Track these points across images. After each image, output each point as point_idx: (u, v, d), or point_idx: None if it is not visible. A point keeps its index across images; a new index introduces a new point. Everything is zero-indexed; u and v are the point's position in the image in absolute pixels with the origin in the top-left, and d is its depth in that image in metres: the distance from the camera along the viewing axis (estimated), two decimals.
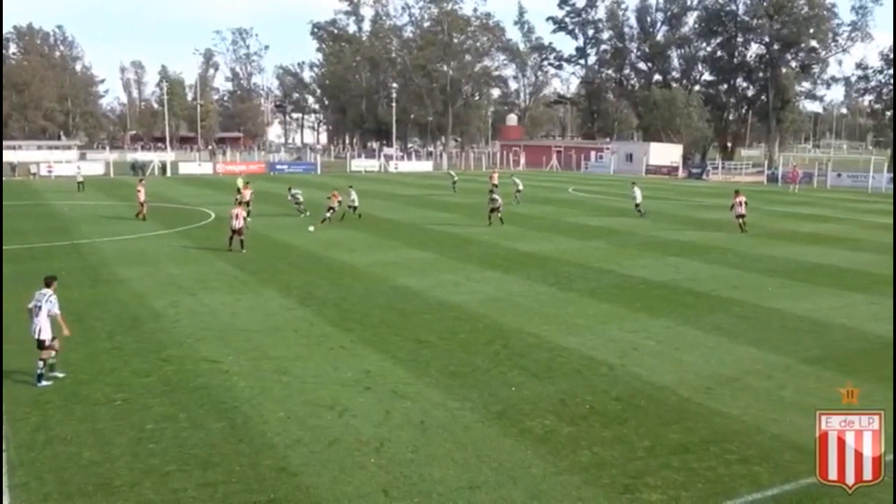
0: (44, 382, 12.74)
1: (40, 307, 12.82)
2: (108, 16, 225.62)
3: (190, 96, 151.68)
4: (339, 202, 35.47)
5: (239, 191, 40.29)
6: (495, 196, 36.06)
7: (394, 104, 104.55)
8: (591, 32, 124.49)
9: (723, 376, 13.73)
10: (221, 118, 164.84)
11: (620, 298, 20.15)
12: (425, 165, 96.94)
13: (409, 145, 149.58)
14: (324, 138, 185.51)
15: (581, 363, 14.39)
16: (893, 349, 14.92)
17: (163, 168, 77.16)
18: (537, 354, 14.90)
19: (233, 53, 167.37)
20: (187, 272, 23.09)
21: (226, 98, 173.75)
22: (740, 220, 34.07)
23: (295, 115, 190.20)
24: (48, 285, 13.19)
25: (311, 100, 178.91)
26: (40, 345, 12.83)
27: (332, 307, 18.70)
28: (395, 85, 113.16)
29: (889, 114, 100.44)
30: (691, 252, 28.27)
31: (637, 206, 40.11)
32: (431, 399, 12.38)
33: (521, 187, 48.33)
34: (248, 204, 35.60)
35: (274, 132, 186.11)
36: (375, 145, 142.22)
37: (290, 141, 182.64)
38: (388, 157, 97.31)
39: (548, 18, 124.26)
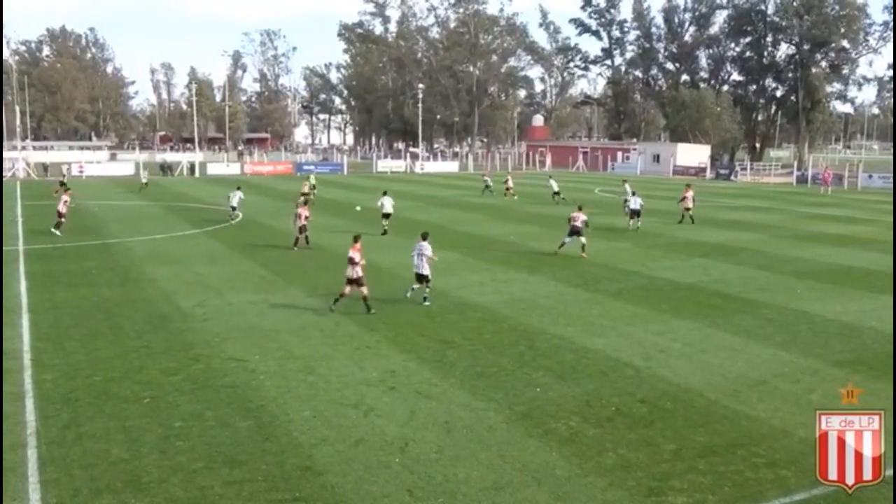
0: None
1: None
2: (139, 18, 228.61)
3: (218, 97, 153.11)
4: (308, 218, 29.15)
5: (309, 190, 45.47)
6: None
7: (420, 105, 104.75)
8: (616, 33, 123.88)
9: (750, 379, 13.60)
10: (249, 119, 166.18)
11: (646, 300, 20.02)
12: (451, 166, 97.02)
13: (435, 146, 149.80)
14: (350, 139, 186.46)
15: (606, 365, 14.32)
16: (893, 351, 14.83)
17: (191, 168, 77.98)
18: (562, 356, 14.85)
19: (261, 55, 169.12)
20: (215, 272, 23.28)
21: (253, 99, 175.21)
22: (687, 212, 37.58)
23: (322, 116, 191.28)
24: (424, 238, 19.17)
25: (337, 101, 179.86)
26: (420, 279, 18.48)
27: (357, 307, 18.73)
28: (421, 86, 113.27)
29: None
30: (719, 253, 28.02)
31: (627, 203, 39.16)
32: (456, 399, 12.39)
33: (556, 188, 48.25)
34: (306, 195, 41.68)
35: (301, 133, 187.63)
36: (401, 146, 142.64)
37: (316, 142, 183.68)
38: (415, 158, 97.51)
39: (571, 20, 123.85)
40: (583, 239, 26.72)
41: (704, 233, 33.98)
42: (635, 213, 35.02)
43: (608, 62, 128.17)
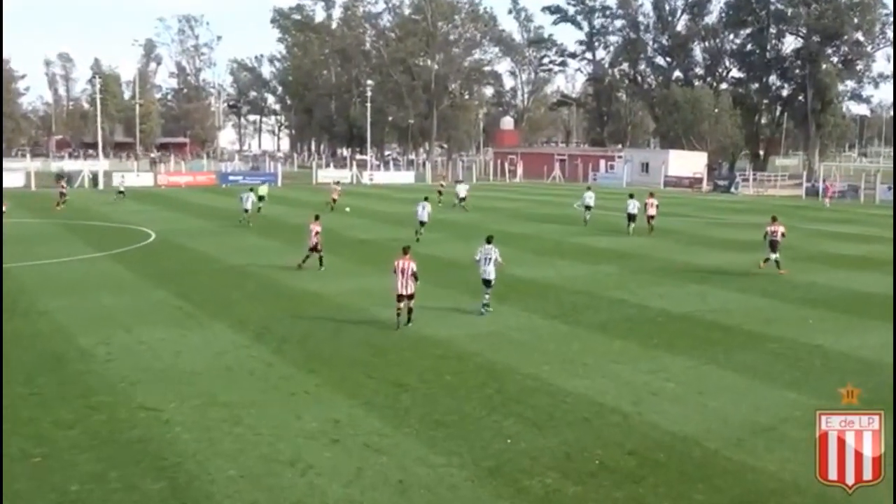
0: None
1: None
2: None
3: (127, 95, 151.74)
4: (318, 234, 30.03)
5: (335, 200, 52.62)
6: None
7: (368, 104, 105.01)
8: (598, 22, 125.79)
9: (756, 425, 13.75)
10: (164, 120, 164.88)
11: (635, 333, 20.17)
12: (406, 176, 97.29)
13: (387, 153, 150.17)
14: (285, 144, 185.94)
15: (589, 410, 14.37)
16: (893, 354, 15.65)
17: (94, 179, 76.93)
18: (537, 400, 14.87)
19: (179, 45, 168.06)
20: (122, 303, 22.96)
21: (170, 97, 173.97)
22: (651, 222, 41.47)
23: (251, 118, 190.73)
24: (489, 242, 22.37)
25: (270, 99, 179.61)
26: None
27: (295, 344, 18.63)
28: (370, 82, 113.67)
29: None
30: (718, 279, 28.39)
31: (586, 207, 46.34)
32: (412, 453, 12.32)
33: (463, 195, 53.71)
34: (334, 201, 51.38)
35: (226, 137, 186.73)
36: (347, 153, 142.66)
37: (245, 148, 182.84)
38: (362, 167, 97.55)
39: (545, 7, 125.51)
40: (778, 255, 29.52)
41: (701, 254, 34.46)
42: (631, 218, 41.25)
43: (589, 56, 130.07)
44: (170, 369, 16.52)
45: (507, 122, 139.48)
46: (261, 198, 49.63)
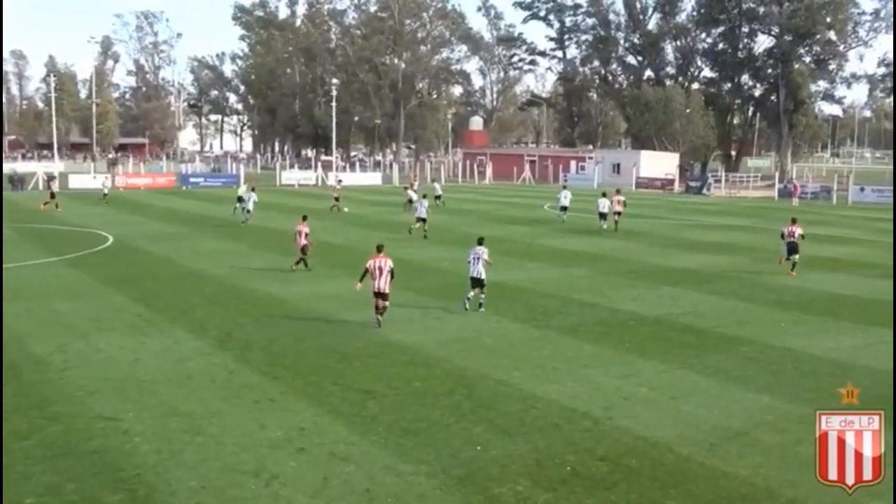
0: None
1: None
2: None
3: (84, 93, 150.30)
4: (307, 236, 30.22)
5: (338, 199, 54.92)
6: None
7: (334, 104, 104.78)
8: (569, 20, 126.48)
9: (728, 430, 13.88)
10: (122, 120, 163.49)
11: (607, 337, 20.29)
12: (373, 177, 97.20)
13: (353, 154, 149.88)
14: (248, 145, 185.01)
15: (560, 416, 14.43)
16: (894, 355, 16.05)
17: (47, 182, 75.98)
18: (507, 406, 14.91)
19: (137, 42, 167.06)
20: (78, 309, 22.73)
21: (128, 96, 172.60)
22: (616, 219, 43.67)
23: (213, 118, 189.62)
24: (480, 243, 23.31)
25: (232, 98, 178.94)
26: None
27: (258, 351, 18.54)
28: (335, 81, 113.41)
29: None
30: (690, 281, 28.63)
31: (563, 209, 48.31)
32: (379, 462, 12.30)
33: (412, 197, 53.57)
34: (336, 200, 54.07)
35: (187, 138, 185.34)
36: (311, 153, 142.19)
37: (206, 148, 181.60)
38: (328, 168, 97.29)
39: (515, 3, 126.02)
40: (796, 257, 30.40)
41: (673, 256, 34.72)
42: (603, 217, 43.78)
43: (559, 54, 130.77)
44: (128, 378, 16.37)
45: (477, 123, 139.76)
46: (239, 199, 49.95)
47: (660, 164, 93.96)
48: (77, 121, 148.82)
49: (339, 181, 66.07)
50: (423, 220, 40.79)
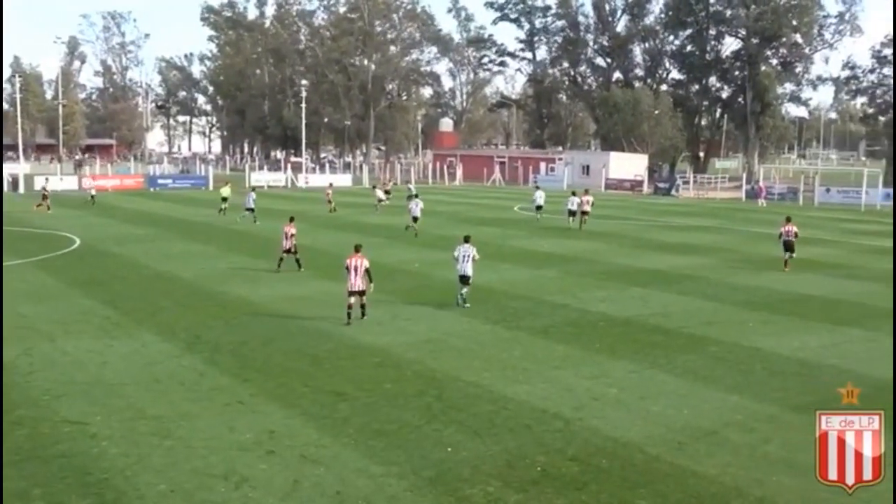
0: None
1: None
2: None
3: (49, 94, 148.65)
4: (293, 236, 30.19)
5: (330, 202, 55.74)
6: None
7: (303, 105, 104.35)
8: (539, 21, 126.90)
9: (697, 429, 13.99)
10: (89, 121, 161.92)
11: (577, 338, 20.38)
12: (342, 179, 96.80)
13: (323, 155, 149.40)
14: (217, 146, 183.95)
15: (531, 417, 14.48)
16: (894, 356, 16.95)
17: (13, 183, 75.14)
18: (478, 407, 14.94)
19: (104, 42, 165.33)
20: (44, 312, 22.48)
21: (95, 97, 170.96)
22: (583, 217, 45.26)
23: (181, 119, 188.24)
24: (466, 241, 24.22)
25: (201, 99, 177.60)
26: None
27: (228, 353, 18.44)
28: (304, 82, 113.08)
29: (883, 119, 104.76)
30: (659, 282, 28.82)
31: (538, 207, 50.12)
32: (350, 464, 12.28)
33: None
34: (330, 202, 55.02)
35: (155, 139, 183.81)
36: (281, 155, 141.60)
37: (175, 150, 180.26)
38: (297, 169, 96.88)
39: (486, 3, 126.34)
40: (792, 254, 31.92)
41: (642, 257, 34.93)
42: (572, 214, 45.80)
43: (529, 56, 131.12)
44: (96, 381, 16.22)
45: (446, 124, 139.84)
46: (224, 199, 51.33)
47: (629, 165, 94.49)
48: (43, 122, 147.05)
49: (331, 185, 66.23)
50: (416, 218, 42.28)
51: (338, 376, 16.75)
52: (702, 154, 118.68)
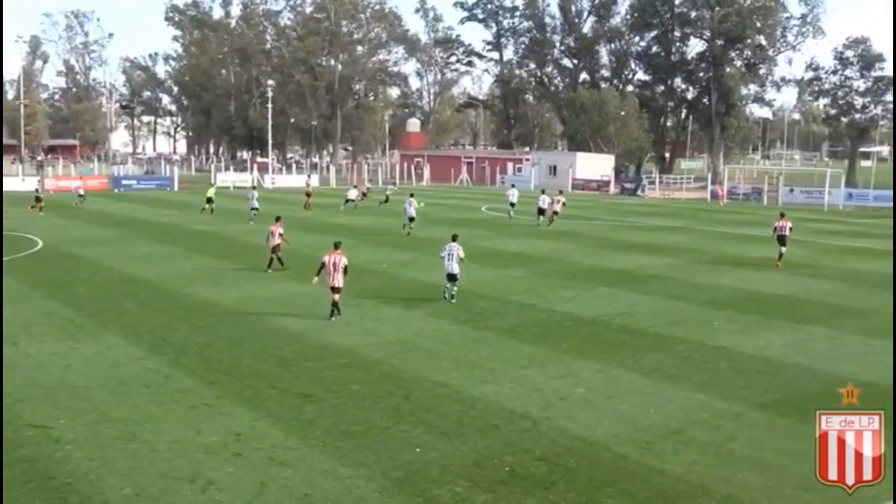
0: None
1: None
2: None
3: (11, 94, 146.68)
4: (282, 236, 30.74)
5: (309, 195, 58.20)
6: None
7: (269, 105, 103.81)
8: (506, 22, 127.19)
9: (664, 428, 14.08)
10: (52, 122, 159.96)
11: (544, 338, 20.45)
12: (310, 179, 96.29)
13: (289, 155, 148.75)
14: (182, 147, 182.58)
15: (498, 417, 14.50)
16: (894, 357, 17.34)
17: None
18: (446, 407, 14.95)
19: (67, 42, 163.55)
20: (6, 315, 22.08)
21: (58, 97, 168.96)
22: (553, 216, 46.92)
23: (146, 119, 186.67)
24: (454, 239, 24.55)
25: (166, 100, 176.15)
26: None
27: (193, 355, 18.31)
28: (270, 82, 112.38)
29: (845, 120, 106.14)
30: (626, 281, 28.99)
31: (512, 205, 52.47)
32: (318, 466, 12.24)
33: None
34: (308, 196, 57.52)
35: (119, 139, 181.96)
36: (247, 155, 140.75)
37: (139, 150, 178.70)
38: (263, 170, 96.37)
39: (456, 3, 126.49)
40: (784, 249, 33.09)
41: (609, 258, 35.12)
42: (541, 212, 47.60)
43: (496, 56, 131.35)
44: (59, 384, 16.03)
45: (414, 124, 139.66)
46: (209, 199, 52.07)
47: (595, 165, 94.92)
48: (4, 122, 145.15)
49: (309, 175, 71.11)
50: (412, 219, 43.63)
51: (305, 378, 16.68)
52: (667, 154, 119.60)
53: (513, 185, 60.30)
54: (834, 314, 23.94)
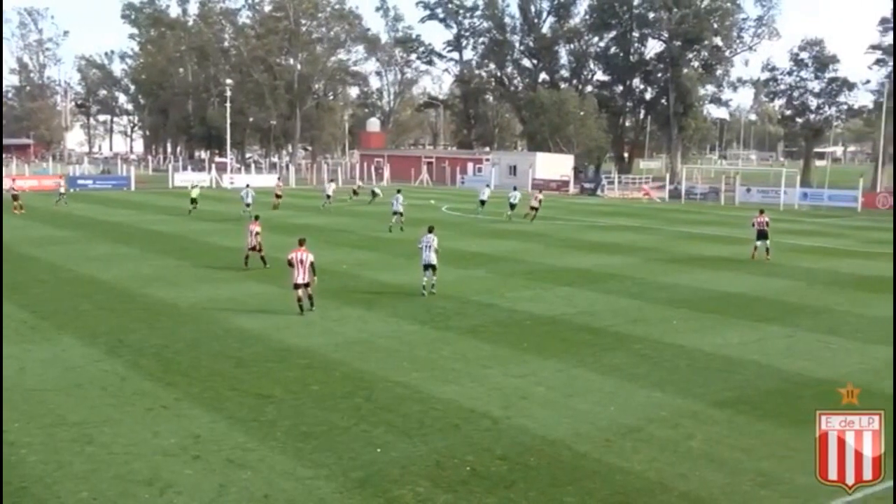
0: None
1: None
2: None
3: None
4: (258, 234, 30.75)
5: (278, 196, 58.52)
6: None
7: (228, 104, 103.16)
8: (466, 22, 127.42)
9: (623, 426, 14.19)
10: (5, 121, 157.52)
11: (505, 337, 20.51)
12: (268, 179, 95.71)
13: (248, 155, 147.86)
14: (139, 146, 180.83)
15: (459, 416, 14.53)
16: (893, 349, 16.96)
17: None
18: (407, 407, 14.94)
19: (20, 39, 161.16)
20: None
21: (11, 95, 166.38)
22: (533, 212, 50.71)
23: (102, 118, 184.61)
24: (430, 231, 25.77)
25: (122, 98, 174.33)
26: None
27: (151, 357, 18.13)
28: (229, 81, 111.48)
29: (800, 121, 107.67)
30: (585, 281, 29.17)
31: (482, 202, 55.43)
32: (277, 467, 12.18)
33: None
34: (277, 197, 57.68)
35: (75, 139, 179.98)
36: (205, 155, 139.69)
37: (95, 150, 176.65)
38: (222, 170, 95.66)
39: (417, 3, 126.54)
40: (767, 242, 34.51)
41: (569, 257, 35.31)
42: (512, 207, 51.76)
43: (456, 56, 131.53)
44: (14, 387, 15.76)
45: (374, 124, 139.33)
46: (193, 200, 52.40)
47: (555, 165, 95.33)
48: None
49: (280, 178, 73.31)
50: (399, 213, 44.93)
51: (264, 379, 16.59)
52: (626, 154, 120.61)
53: (487, 185, 63.74)
54: (790, 312, 24.27)
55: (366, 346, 19.35)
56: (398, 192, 48.20)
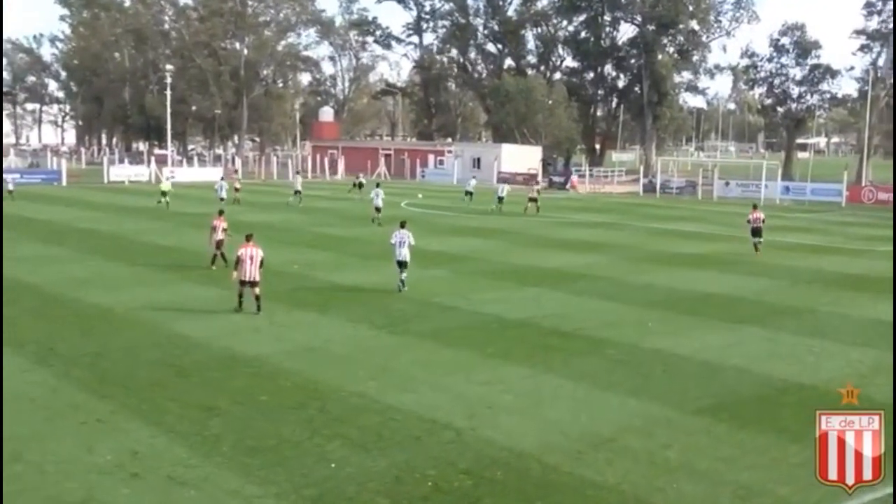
0: None
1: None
2: None
3: None
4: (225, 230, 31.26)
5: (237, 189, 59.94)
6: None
7: (168, 92, 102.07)
8: (427, 4, 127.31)
9: (596, 436, 14.24)
10: None
11: (469, 342, 20.51)
12: (213, 173, 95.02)
13: (191, 147, 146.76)
14: (71, 137, 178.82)
15: (420, 428, 14.50)
16: (894, 350, 17.23)
17: None
18: (364, 419, 14.89)
19: None
20: None
21: None
22: (529, 204, 54.15)
23: (30, 107, 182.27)
24: (402, 226, 26.72)
25: (52, 85, 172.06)
26: None
27: (84, 367, 17.92)
28: (169, 67, 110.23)
29: (781, 110, 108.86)
30: (555, 281, 29.26)
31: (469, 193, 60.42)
32: (223, 485, 12.09)
33: (299, 187, 60.23)
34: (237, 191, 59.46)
35: None
36: (144, 147, 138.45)
37: (22, 141, 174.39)
38: (162, 163, 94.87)
39: None
40: (761, 239, 36.22)
41: (537, 256, 35.41)
42: (500, 200, 55.84)
43: (415, 41, 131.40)
44: None
45: (327, 113, 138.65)
46: (163, 193, 53.87)
47: (522, 157, 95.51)
48: None
49: (236, 171, 76.48)
50: (378, 209, 46.63)
51: (208, 389, 16.46)
52: (598, 146, 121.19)
53: (473, 178, 68.91)
54: (771, 313, 24.52)
55: (319, 353, 19.27)
56: (377, 185, 50.30)
